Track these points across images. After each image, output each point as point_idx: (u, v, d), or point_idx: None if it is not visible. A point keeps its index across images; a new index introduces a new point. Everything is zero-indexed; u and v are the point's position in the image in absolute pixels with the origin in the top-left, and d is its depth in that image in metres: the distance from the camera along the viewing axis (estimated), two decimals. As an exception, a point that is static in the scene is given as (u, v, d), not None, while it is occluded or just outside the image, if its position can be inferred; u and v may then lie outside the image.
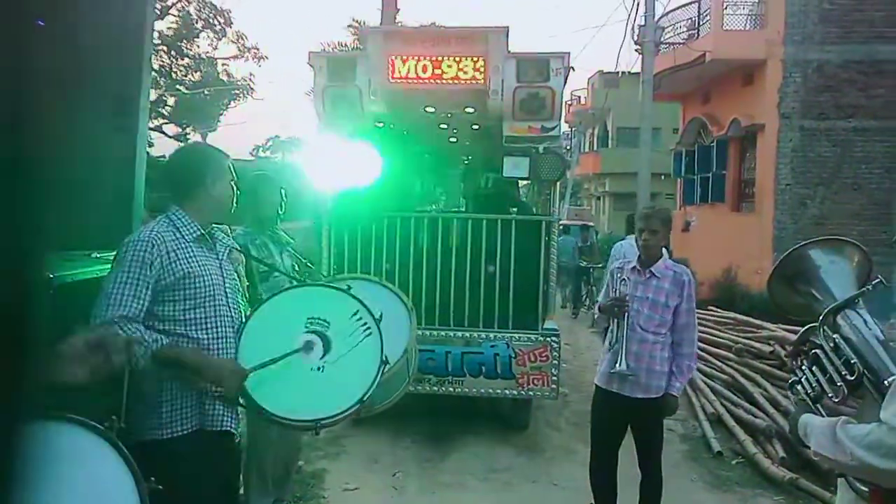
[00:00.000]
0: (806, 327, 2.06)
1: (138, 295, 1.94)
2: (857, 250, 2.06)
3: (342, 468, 4.56)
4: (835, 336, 1.80)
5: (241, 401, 2.08)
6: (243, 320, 2.19)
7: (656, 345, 3.33)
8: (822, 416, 1.76)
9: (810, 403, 1.84)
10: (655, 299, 3.35)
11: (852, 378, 1.71)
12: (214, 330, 2.08)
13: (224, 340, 2.11)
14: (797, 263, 2.07)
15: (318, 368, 2.08)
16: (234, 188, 2.24)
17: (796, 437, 1.81)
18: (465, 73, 5.05)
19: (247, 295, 2.57)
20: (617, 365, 3.28)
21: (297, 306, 2.18)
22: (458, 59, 5.03)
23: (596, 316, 3.61)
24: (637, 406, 3.36)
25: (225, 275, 2.18)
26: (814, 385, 1.84)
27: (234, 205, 2.26)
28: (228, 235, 2.37)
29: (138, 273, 1.95)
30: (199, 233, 2.13)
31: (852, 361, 1.72)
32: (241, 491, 3.69)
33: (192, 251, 2.08)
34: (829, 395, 1.78)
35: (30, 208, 0.63)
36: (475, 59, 5.02)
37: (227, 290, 2.17)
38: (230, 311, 2.15)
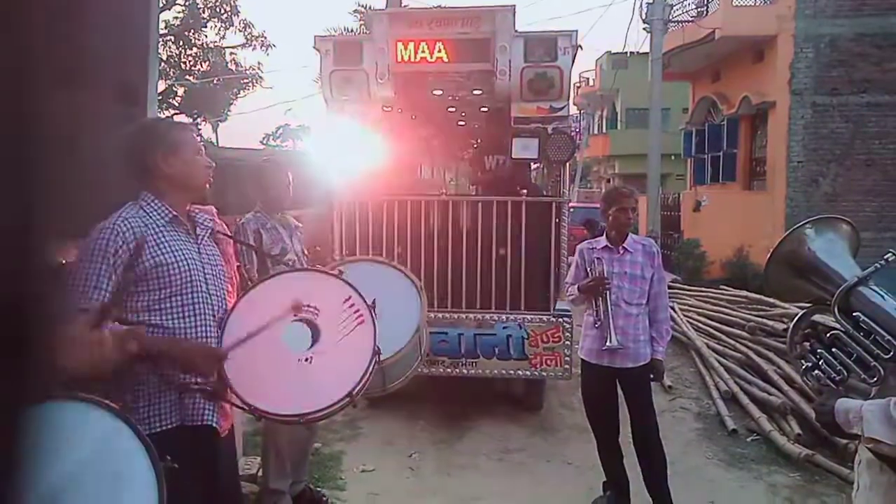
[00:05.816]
0: (803, 311, 2.03)
1: (99, 286, 1.82)
2: (849, 226, 2.03)
3: (358, 450, 4.60)
4: (855, 314, 1.77)
5: (225, 395, 1.96)
6: (228, 307, 2.07)
7: (639, 317, 3.53)
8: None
9: (833, 387, 1.80)
10: (633, 273, 3.53)
11: (887, 356, 1.68)
12: (193, 318, 1.96)
13: (204, 328, 1.98)
14: (796, 247, 2.02)
15: (306, 360, 1.94)
16: (204, 160, 2.07)
17: (831, 424, 1.75)
18: (472, 54, 5.01)
19: (236, 280, 2.44)
20: (607, 342, 3.42)
21: (285, 292, 2.03)
22: (464, 40, 4.99)
23: (571, 298, 3.69)
24: (626, 375, 3.54)
25: (205, 260, 2.05)
26: (837, 368, 1.80)
27: (209, 178, 2.09)
28: (213, 218, 2.22)
29: (100, 263, 1.84)
30: (171, 215, 1.99)
31: (886, 339, 1.68)
32: (260, 474, 3.76)
33: (165, 237, 1.95)
34: (862, 375, 1.74)
35: (37, 198, 0.63)
36: (482, 39, 4.98)
37: (208, 275, 2.03)
38: (210, 298, 2.01)
